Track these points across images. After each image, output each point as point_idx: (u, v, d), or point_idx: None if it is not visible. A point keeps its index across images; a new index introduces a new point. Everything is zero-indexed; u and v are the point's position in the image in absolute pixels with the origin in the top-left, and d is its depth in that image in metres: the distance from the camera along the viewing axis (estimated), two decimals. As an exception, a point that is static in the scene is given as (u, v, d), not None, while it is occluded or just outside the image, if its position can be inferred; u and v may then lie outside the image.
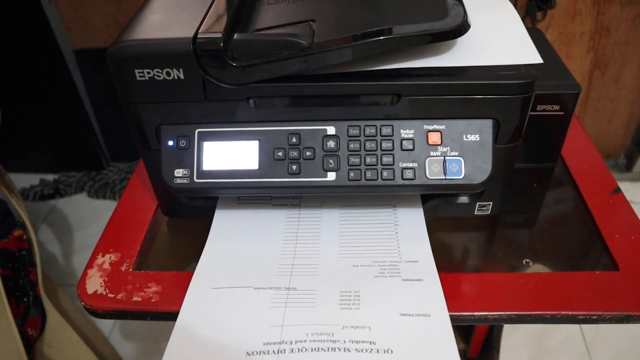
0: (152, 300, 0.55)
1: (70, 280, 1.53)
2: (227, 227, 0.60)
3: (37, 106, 1.74)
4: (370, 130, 0.53)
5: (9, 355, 0.87)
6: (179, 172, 0.54)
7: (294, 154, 0.53)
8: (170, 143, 0.54)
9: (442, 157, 0.52)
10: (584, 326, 1.36)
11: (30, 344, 0.94)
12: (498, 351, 1.08)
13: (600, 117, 1.67)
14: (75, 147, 1.86)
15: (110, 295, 0.56)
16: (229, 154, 0.53)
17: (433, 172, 0.52)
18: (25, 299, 0.94)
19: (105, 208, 1.78)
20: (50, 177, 1.89)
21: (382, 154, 0.52)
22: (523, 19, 0.56)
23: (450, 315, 0.52)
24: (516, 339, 1.34)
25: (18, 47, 1.60)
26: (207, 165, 0.53)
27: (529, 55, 0.52)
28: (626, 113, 1.66)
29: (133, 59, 0.49)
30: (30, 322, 0.94)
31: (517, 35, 0.55)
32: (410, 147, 0.52)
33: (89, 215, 1.77)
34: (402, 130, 0.53)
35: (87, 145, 1.84)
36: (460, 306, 0.53)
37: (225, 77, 0.50)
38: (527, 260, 0.58)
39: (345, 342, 0.47)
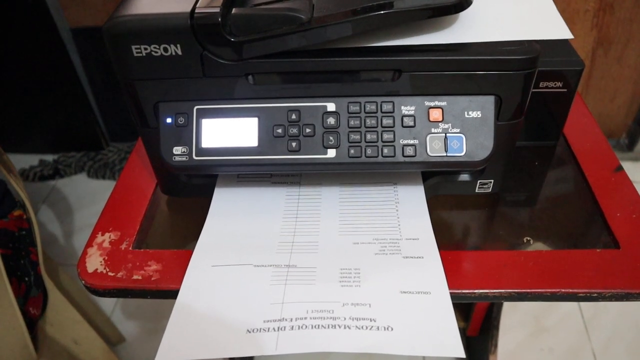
0: (152, 279, 0.55)
1: (71, 260, 1.54)
2: (226, 205, 0.60)
3: (34, 86, 1.73)
4: (370, 107, 0.52)
5: (12, 334, 0.88)
6: (177, 150, 0.53)
7: (294, 130, 0.52)
8: (169, 120, 0.53)
9: (443, 134, 0.52)
10: (583, 305, 1.37)
11: (33, 323, 0.94)
12: (497, 329, 1.09)
13: (602, 95, 1.66)
14: (74, 128, 1.85)
15: (110, 273, 0.56)
16: (228, 131, 0.53)
17: (434, 149, 0.52)
18: (26, 279, 0.95)
19: (105, 188, 1.78)
20: (49, 158, 1.89)
21: (382, 131, 0.52)
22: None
23: (451, 293, 0.52)
24: (515, 317, 1.35)
25: (14, 26, 1.58)
26: (206, 143, 0.53)
27: (557, 29, 0.51)
28: (629, 92, 1.65)
29: (130, 34, 0.48)
30: (31, 302, 0.95)
31: (544, 9, 0.54)
32: (411, 123, 0.52)
33: (88, 195, 1.77)
34: (403, 107, 0.52)
35: (86, 126, 1.83)
36: (461, 284, 0.53)
37: (223, 53, 0.49)
38: (528, 238, 0.58)
39: (345, 319, 0.47)
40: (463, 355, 0.45)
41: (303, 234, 0.57)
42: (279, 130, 0.52)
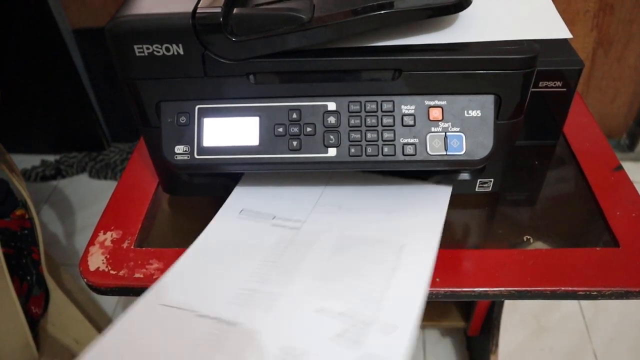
0: (154, 277, 0.55)
1: (72, 259, 1.54)
2: (214, 238, 0.56)
3: (36, 87, 1.73)
4: (371, 106, 0.52)
5: (14, 333, 0.88)
6: (179, 149, 0.53)
7: (295, 129, 0.53)
8: (170, 120, 0.54)
9: (443, 133, 0.52)
10: (584, 304, 1.37)
11: (34, 322, 0.95)
12: (498, 329, 1.09)
13: (603, 96, 1.66)
14: (75, 128, 1.86)
15: (112, 272, 0.56)
16: (229, 130, 0.53)
17: (434, 148, 0.52)
18: (28, 278, 0.95)
19: (106, 188, 1.78)
20: (51, 158, 1.89)
21: (382, 130, 0.52)
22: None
23: (451, 291, 0.53)
24: (516, 317, 1.35)
25: (16, 27, 1.58)
26: (207, 142, 0.53)
27: (556, 28, 0.51)
28: (629, 92, 1.65)
29: (132, 34, 0.49)
30: (33, 301, 0.95)
31: (542, 8, 0.54)
32: (411, 122, 0.52)
33: (90, 195, 1.77)
34: (403, 106, 0.52)
35: (87, 126, 1.84)
36: (461, 282, 0.53)
37: (224, 53, 0.50)
38: (528, 237, 0.58)
39: None
40: None
41: (269, 283, 0.49)
42: (280, 129, 0.53)
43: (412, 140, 0.52)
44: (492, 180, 0.60)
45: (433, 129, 0.52)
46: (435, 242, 0.52)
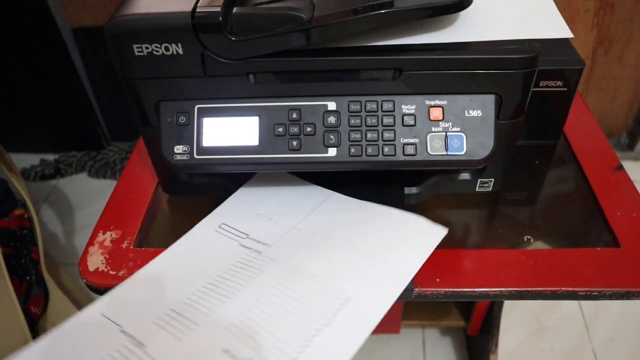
0: (154, 277, 0.55)
1: (72, 259, 1.54)
2: (181, 251, 0.56)
3: (36, 86, 1.73)
4: (371, 106, 0.52)
5: (13, 333, 0.88)
6: (178, 149, 0.53)
7: (295, 129, 0.52)
8: (170, 119, 0.53)
9: (444, 133, 0.52)
10: (584, 304, 1.37)
11: (34, 321, 0.95)
12: (498, 329, 1.09)
13: (603, 95, 1.66)
14: (75, 127, 1.86)
15: (111, 272, 0.56)
16: (229, 130, 0.53)
17: (434, 148, 0.52)
18: (27, 278, 0.95)
19: (105, 188, 1.78)
20: (50, 157, 1.89)
21: (383, 130, 0.52)
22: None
23: (451, 291, 0.53)
24: (516, 317, 1.35)
25: (15, 26, 1.58)
26: (207, 142, 0.53)
27: (557, 28, 0.51)
28: (629, 91, 1.65)
29: (131, 33, 0.49)
30: (33, 300, 0.95)
31: (543, 7, 0.54)
32: (412, 122, 0.52)
33: (89, 194, 1.77)
34: (403, 106, 0.52)
35: (86, 125, 1.84)
36: (461, 282, 0.53)
37: (224, 52, 0.49)
38: (529, 237, 0.58)
39: None
40: None
41: (202, 305, 0.48)
42: (280, 129, 0.52)
43: (412, 140, 0.52)
44: (493, 180, 0.60)
45: (433, 129, 0.52)
46: (389, 303, 0.47)
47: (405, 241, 0.53)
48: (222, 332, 0.45)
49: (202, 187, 0.63)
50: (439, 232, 0.54)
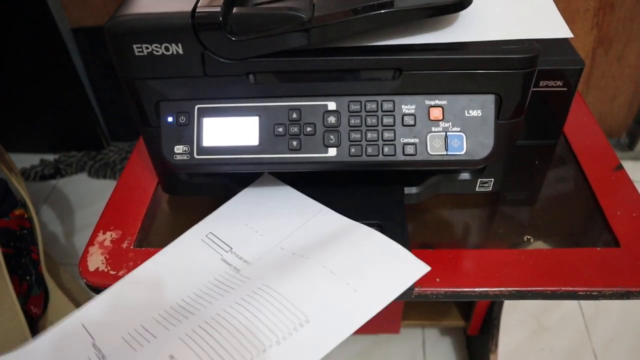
0: (154, 277, 0.55)
1: (72, 259, 1.54)
2: (170, 258, 0.57)
3: (35, 86, 1.73)
4: (371, 106, 0.52)
5: (13, 333, 0.88)
6: (178, 149, 0.53)
7: (295, 129, 0.52)
8: (170, 119, 0.53)
9: (444, 133, 0.52)
10: (583, 304, 1.37)
11: (34, 321, 0.95)
12: (498, 329, 1.09)
13: (603, 95, 1.66)
14: (75, 127, 1.85)
15: (111, 272, 0.56)
16: (229, 130, 0.53)
17: (434, 148, 0.52)
18: (27, 278, 0.95)
19: (105, 188, 1.78)
20: (50, 157, 1.89)
21: (383, 130, 0.52)
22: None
23: (451, 291, 0.53)
24: (516, 317, 1.35)
25: (15, 26, 1.58)
26: (207, 142, 0.53)
27: (557, 28, 0.51)
28: (629, 91, 1.65)
29: (131, 33, 0.49)
30: (33, 300, 0.95)
31: (543, 7, 0.54)
32: (412, 122, 0.52)
33: (89, 195, 1.77)
34: (403, 106, 0.52)
35: (86, 125, 1.83)
36: (461, 282, 0.53)
37: (224, 52, 0.49)
38: (529, 237, 0.58)
39: None
40: None
41: (166, 322, 0.49)
42: (280, 129, 0.52)
43: (412, 140, 0.52)
44: (493, 180, 0.60)
45: (433, 129, 0.52)
46: (348, 332, 0.46)
47: (383, 272, 0.51)
48: (174, 342, 0.46)
49: (202, 187, 0.63)
50: (419, 269, 0.51)
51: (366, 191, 0.61)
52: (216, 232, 0.58)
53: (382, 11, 0.47)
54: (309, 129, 0.52)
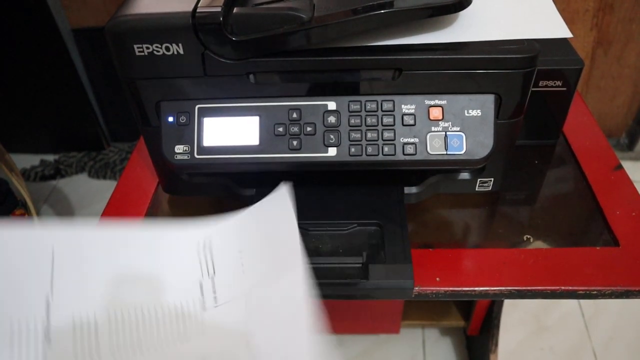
0: (154, 277, 0.55)
1: (72, 259, 1.54)
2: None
3: (36, 87, 1.73)
4: (371, 106, 0.52)
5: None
6: (179, 148, 0.53)
7: (295, 129, 0.52)
8: (170, 119, 0.54)
9: (444, 133, 0.52)
10: (583, 303, 1.37)
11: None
12: (498, 328, 1.09)
13: (602, 95, 1.66)
14: (75, 128, 1.86)
15: (112, 271, 0.56)
16: (229, 130, 0.53)
17: (434, 148, 0.52)
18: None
19: (106, 188, 1.78)
20: (50, 158, 1.89)
21: (383, 129, 0.52)
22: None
23: (452, 291, 0.53)
24: (516, 316, 1.35)
25: (15, 26, 1.58)
26: (207, 141, 0.53)
27: (557, 28, 0.51)
28: (629, 91, 1.65)
29: (132, 33, 0.49)
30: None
31: (543, 7, 0.54)
32: (412, 122, 0.52)
33: (89, 195, 1.77)
34: (403, 106, 0.52)
35: (87, 126, 1.83)
36: (461, 281, 0.53)
37: (224, 52, 0.49)
38: (528, 237, 0.58)
39: None
40: None
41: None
42: (280, 129, 0.53)
43: (412, 140, 0.52)
44: (492, 179, 0.60)
45: (433, 129, 0.52)
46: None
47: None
48: None
49: (203, 187, 0.63)
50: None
51: (366, 191, 0.61)
52: (215, 242, 0.50)
53: (382, 11, 0.47)
54: (309, 128, 0.52)
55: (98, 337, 0.44)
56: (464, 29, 0.51)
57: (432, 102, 0.52)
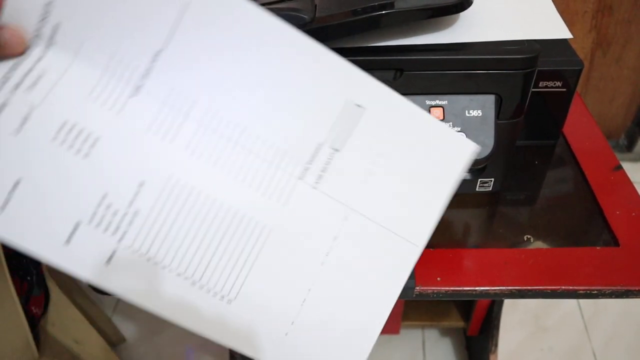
0: (156, 276, 0.55)
1: (72, 260, 1.54)
2: None
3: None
4: (372, 106, 0.52)
5: (15, 333, 0.88)
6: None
7: (296, 129, 0.53)
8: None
9: (445, 133, 0.52)
10: (583, 304, 1.38)
11: (35, 321, 0.95)
12: (498, 329, 1.10)
13: (601, 96, 1.66)
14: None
15: (114, 271, 0.56)
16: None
17: (435, 148, 0.52)
18: (28, 278, 0.95)
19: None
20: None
21: (384, 130, 0.52)
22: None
23: (452, 290, 0.53)
24: (515, 317, 1.35)
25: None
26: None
27: (557, 29, 0.51)
28: (628, 93, 1.65)
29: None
30: (34, 301, 0.95)
31: (543, 8, 0.54)
32: (413, 122, 0.52)
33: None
34: (404, 106, 0.52)
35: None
36: (462, 281, 0.53)
37: (226, 53, 0.50)
38: (529, 237, 0.59)
39: None
40: None
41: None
42: (282, 129, 0.53)
43: (413, 140, 0.52)
44: (493, 179, 0.61)
45: (434, 129, 0.52)
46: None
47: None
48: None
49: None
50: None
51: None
52: (368, 117, 0.41)
53: (383, 12, 0.47)
54: (310, 128, 0.52)
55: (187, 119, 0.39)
56: (464, 29, 0.51)
57: (433, 103, 0.52)
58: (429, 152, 0.42)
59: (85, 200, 0.37)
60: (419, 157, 0.42)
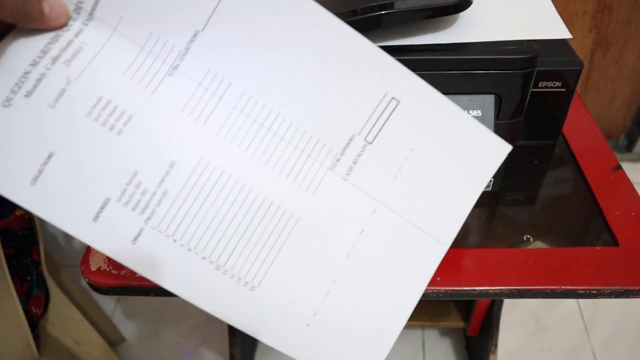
0: (156, 276, 0.55)
1: (72, 260, 1.54)
2: None
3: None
4: (372, 106, 0.52)
5: (15, 333, 0.88)
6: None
7: (296, 129, 0.53)
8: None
9: (444, 133, 0.52)
10: (583, 304, 1.38)
11: (35, 322, 0.95)
12: (497, 329, 1.10)
13: (601, 97, 1.67)
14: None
15: (113, 271, 0.56)
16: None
17: (435, 148, 0.52)
18: (28, 278, 0.95)
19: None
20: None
21: (384, 130, 0.52)
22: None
23: (452, 290, 0.53)
24: (515, 317, 1.35)
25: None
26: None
27: (556, 29, 0.51)
28: (627, 93, 1.65)
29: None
30: (34, 301, 0.95)
31: (542, 8, 0.54)
32: (412, 122, 0.52)
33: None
34: (404, 106, 0.52)
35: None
36: (462, 281, 0.53)
37: (226, 53, 0.50)
38: (528, 236, 0.59)
39: None
40: None
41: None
42: (282, 129, 0.53)
43: (413, 140, 0.52)
44: (493, 179, 0.61)
45: (434, 129, 0.52)
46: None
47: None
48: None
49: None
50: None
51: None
52: (402, 109, 0.41)
53: (383, 12, 0.47)
54: (310, 128, 0.53)
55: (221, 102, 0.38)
56: (464, 29, 0.51)
57: (433, 103, 0.52)
58: (463, 151, 0.42)
59: (115, 177, 0.36)
60: (452, 155, 0.42)
